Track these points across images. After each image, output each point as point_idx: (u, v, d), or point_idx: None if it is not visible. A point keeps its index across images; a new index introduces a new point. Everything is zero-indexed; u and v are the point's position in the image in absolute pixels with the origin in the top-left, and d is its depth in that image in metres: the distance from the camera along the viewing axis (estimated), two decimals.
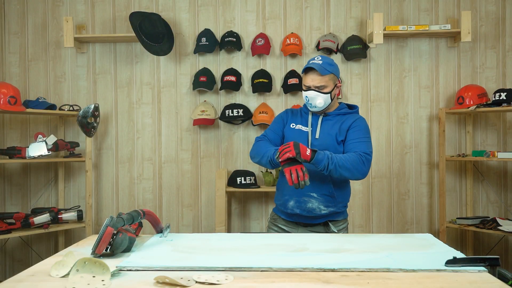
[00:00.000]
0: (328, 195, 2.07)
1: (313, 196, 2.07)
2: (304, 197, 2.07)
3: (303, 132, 2.13)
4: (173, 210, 3.70)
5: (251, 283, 1.22)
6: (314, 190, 2.06)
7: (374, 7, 3.64)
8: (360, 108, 3.64)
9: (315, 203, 2.07)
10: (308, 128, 2.14)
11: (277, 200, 2.20)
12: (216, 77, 3.64)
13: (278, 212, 2.22)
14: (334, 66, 2.10)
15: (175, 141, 3.70)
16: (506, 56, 3.61)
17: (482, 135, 3.62)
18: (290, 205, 2.11)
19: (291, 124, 2.19)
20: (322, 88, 2.06)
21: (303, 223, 2.13)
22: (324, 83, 2.05)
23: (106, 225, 1.44)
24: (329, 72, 2.06)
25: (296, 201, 2.09)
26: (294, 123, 2.18)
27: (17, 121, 3.72)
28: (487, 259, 1.32)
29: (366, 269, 1.31)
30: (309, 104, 2.11)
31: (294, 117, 2.22)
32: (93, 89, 3.73)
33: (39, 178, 3.73)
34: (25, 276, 1.30)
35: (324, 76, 2.05)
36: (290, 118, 2.22)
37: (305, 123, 2.16)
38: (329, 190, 2.07)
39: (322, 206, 2.07)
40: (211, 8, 3.70)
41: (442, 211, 3.45)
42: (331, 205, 2.08)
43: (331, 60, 2.11)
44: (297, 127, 2.16)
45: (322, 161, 1.91)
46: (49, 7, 3.74)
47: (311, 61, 2.09)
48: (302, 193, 2.07)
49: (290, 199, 2.10)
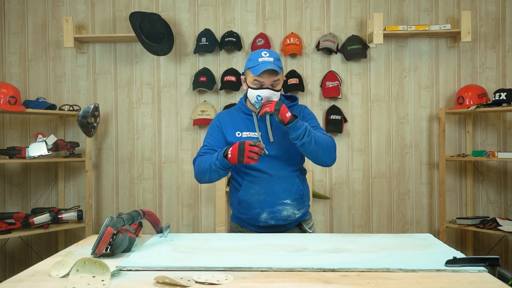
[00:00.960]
0: (299, 198, 1.95)
1: (287, 203, 1.92)
2: (277, 206, 1.92)
3: (253, 139, 1.92)
4: (173, 210, 3.70)
5: (251, 283, 1.22)
6: (287, 196, 1.93)
7: (374, 7, 3.64)
8: (360, 108, 3.64)
9: (290, 209, 1.93)
10: (257, 133, 1.95)
11: (243, 214, 1.99)
12: (216, 77, 3.64)
13: (245, 225, 2.02)
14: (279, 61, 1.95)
15: (175, 141, 3.70)
16: (506, 56, 3.61)
17: (482, 135, 3.62)
18: (262, 218, 1.93)
19: (236, 132, 1.97)
20: (276, 86, 1.91)
21: (277, 231, 1.96)
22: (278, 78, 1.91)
23: (106, 225, 1.44)
24: (281, 69, 1.93)
25: (270, 212, 1.92)
26: (239, 130, 1.97)
27: (17, 121, 3.72)
28: (487, 259, 1.32)
29: (366, 269, 1.31)
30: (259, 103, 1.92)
31: (233, 121, 2.00)
32: (93, 89, 3.73)
33: (39, 178, 3.73)
34: (25, 276, 1.30)
35: (280, 74, 1.92)
36: (229, 123, 2.00)
37: (251, 128, 1.97)
38: (299, 193, 1.95)
39: (296, 210, 1.95)
40: (211, 8, 3.70)
41: (442, 211, 3.45)
42: (301, 206, 1.97)
43: (277, 54, 1.96)
44: (244, 134, 1.96)
45: (299, 129, 1.79)
46: (49, 7, 3.74)
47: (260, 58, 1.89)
48: (275, 202, 1.91)
49: (262, 211, 1.92)
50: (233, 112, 2.05)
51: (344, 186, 3.65)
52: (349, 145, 3.65)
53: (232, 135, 1.98)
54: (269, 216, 1.93)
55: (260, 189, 1.93)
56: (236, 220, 2.09)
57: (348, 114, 3.64)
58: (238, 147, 1.77)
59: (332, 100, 3.64)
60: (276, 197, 1.92)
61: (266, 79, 1.89)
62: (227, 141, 1.99)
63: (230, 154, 1.79)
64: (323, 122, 3.59)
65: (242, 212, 2.00)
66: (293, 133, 1.81)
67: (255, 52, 1.94)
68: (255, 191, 1.94)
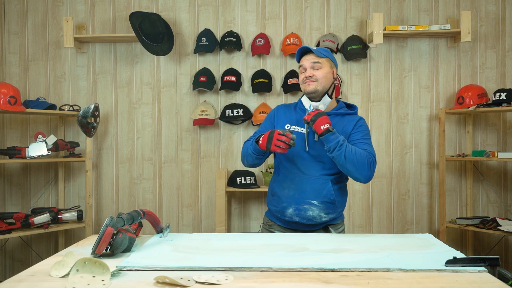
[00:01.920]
0: (329, 202, 1.96)
1: (313, 204, 1.95)
2: (304, 205, 1.95)
3: (299, 134, 2.00)
4: (173, 210, 3.70)
5: (251, 283, 1.22)
6: (315, 197, 1.95)
7: (374, 7, 3.64)
8: (360, 108, 3.64)
9: (316, 211, 1.95)
10: (305, 130, 1.99)
11: (273, 205, 2.06)
12: (216, 77, 3.64)
13: (273, 218, 2.09)
14: (330, 54, 2.03)
15: (175, 141, 3.70)
16: (506, 56, 3.61)
17: (482, 135, 3.62)
18: (288, 213, 1.98)
19: (285, 124, 2.05)
20: (317, 68, 1.97)
21: (302, 230, 2.01)
22: (319, 61, 1.97)
23: (106, 225, 1.44)
24: (325, 56, 1.99)
25: (296, 209, 1.96)
26: (289, 123, 2.04)
27: (17, 121, 3.72)
28: (487, 259, 1.32)
29: (366, 269, 1.31)
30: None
31: (287, 114, 2.08)
32: (93, 89, 3.73)
33: (39, 178, 3.73)
34: (25, 276, 1.30)
35: (321, 58, 1.98)
36: (283, 116, 2.08)
37: (301, 123, 2.03)
38: (330, 197, 1.95)
39: (323, 213, 1.96)
40: (211, 8, 3.70)
41: (442, 211, 3.45)
42: (331, 211, 1.98)
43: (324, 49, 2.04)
44: (292, 128, 2.03)
45: (330, 142, 1.85)
46: (49, 7, 3.74)
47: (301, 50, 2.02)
48: (302, 200, 1.95)
49: (289, 206, 1.98)
50: (291, 106, 2.13)
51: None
52: None
53: (282, 126, 2.05)
54: (295, 212, 1.97)
55: (291, 185, 1.99)
56: (268, 214, 2.15)
57: None
58: (268, 134, 1.86)
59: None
60: (304, 196, 1.96)
61: (305, 62, 1.99)
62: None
63: (261, 140, 1.89)
64: None
65: (273, 204, 2.06)
66: (325, 145, 1.89)
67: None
68: (286, 185, 2.00)
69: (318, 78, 1.96)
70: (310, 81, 1.96)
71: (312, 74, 1.96)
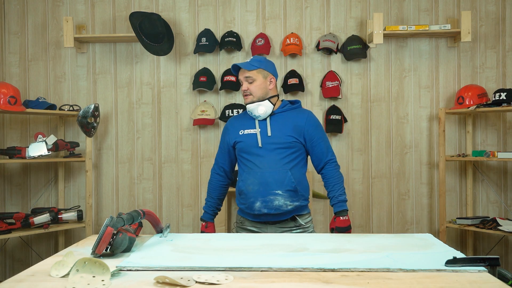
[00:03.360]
0: (292, 190, 2.12)
1: (278, 194, 2.11)
2: (269, 196, 2.11)
3: (251, 135, 2.19)
4: (173, 210, 3.70)
5: (251, 283, 1.22)
6: (278, 187, 2.11)
7: (374, 7, 3.64)
8: (360, 108, 3.64)
9: (281, 199, 2.11)
10: (256, 130, 2.19)
11: (241, 204, 2.22)
12: (216, 77, 3.64)
13: (244, 215, 2.24)
14: (262, 63, 2.18)
15: (175, 141, 3.70)
16: (506, 56, 3.61)
17: (482, 135, 3.62)
18: (256, 206, 2.13)
19: (239, 131, 2.23)
20: (251, 81, 2.16)
21: (271, 222, 2.17)
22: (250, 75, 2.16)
23: (106, 225, 1.44)
24: (256, 67, 2.16)
25: (263, 201, 2.12)
26: (242, 128, 2.23)
27: (17, 121, 3.72)
28: (487, 259, 1.32)
29: (366, 269, 1.31)
30: (253, 116, 2.20)
31: (239, 122, 2.27)
32: (93, 89, 3.73)
33: (39, 178, 3.73)
34: (25, 276, 1.30)
35: (252, 71, 2.16)
36: (235, 125, 2.27)
37: (253, 126, 2.22)
38: (292, 185, 2.12)
39: (288, 201, 2.12)
40: (211, 8, 3.70)
41: (442, 211, 3.45)
42: (295, 199, 2.14)
43: (261, 57, 2.22)
44: (245, 132, 2.21)
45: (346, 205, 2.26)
46: (49, 7, 3.74)
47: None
48: (267, 192, 2.11)
49: (256, 200, 2.13)
50: (242, 115, 2.33)
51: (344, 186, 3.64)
52: (349, 145, 3.65)
53: (235, 135, 2.25)
54: (262, 205, 2.12)
55: (255, 180, 2.14)
56: (239, 212, 2.29)
57: (348, 114, 3.64)
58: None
59: (332, 100, 3.64)
60: (269, 188, 2.11)
61: (240, 77, 2.21)
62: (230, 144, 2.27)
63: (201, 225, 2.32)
64: (323, 122, 3.59)
65: (241, 202, 2.21)
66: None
67: None
68: (250, 182, 2.15)
69: (252, 91, 2.17)
70: (247, 95, 2.18)
71: (247, 87, 2.17)
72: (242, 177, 2.20)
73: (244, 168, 2.21)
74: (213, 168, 2.38)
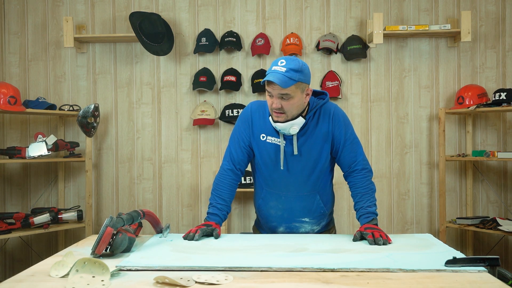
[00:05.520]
0: (320, 215, 1.91)
1: (305, 221, 1.89)
2: (295, 223, 1.88)
3: (274, 147, 1.79)
4: (173, 210, 3.70)
5: (251, 283, 1.22)
6: (306, 215, 1.88)
7: (374, 7, 3.64)
8: (360, 108, 3.64)
9: (308, 226, 1.91)
10: (280, 141, 1.78)
11: (261, 225, 1.98)
12: (216, 77, 3.64)
13: (264, 232, 2.01)
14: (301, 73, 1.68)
15: (175, 141, 3.70)
16: (506, 56, 3.61)
17: (482, 135, 3.62)
18: (279, 231, 1.93)
19: (260, 135, 1.81)
20: (286, 98, 1.68)
21: None
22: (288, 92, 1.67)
23: (106, 225, 1.44)
24: (294, 82, 1.66)
25: (287, 227, 1.90)
26: (264, 133, 1.81)
27: (17, 121, 3.72)
28: (487, 259, 1.32)
29: (366, 269, 1.31)
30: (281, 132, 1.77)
31: (263, 121, 1.82)
32: (93, 89, 3.73)
33: (39, 178, 3.73)
34: (25, 276, 1.30)
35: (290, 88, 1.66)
36: (257, 124, 1.83)
37: (276, 133, 1.79)
38: (320, 211, 1.90)
39: (315, 226, 1.93)
40: (211, 8, 3.70)
41: (442, 211, 3.45)
42: (322, 220, 1.95)
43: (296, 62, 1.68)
44: (268, 139, 1.80)
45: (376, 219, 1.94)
46: (49, 7, 3.74)
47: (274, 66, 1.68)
48: (292, 219, 1.86)
49: (279, 226, 1.91)
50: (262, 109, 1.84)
51: (344, 186, 3.61)
52: None
53: (258, 137, 1.82)
54: (286, 230, 1.92)
55: (278, 205, 1.88)
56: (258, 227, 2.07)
57: (348, 114, 3.63)
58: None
59: (332, 100, 3.64)
60: (294, 215, 1.88)
61: (272, 90, 1.68)
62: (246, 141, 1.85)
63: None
64: None
65: (261, 223, 2.01)
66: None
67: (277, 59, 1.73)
68: (273, 205, 1.89)
69: (287, 110, 1.69)
70: (279, 113, 1.70)
71: (280, 105, 1.68)
72: (262, 195, 1.89)
73: (263, 185, 1.88)
74: (224, 164, 1.89)
